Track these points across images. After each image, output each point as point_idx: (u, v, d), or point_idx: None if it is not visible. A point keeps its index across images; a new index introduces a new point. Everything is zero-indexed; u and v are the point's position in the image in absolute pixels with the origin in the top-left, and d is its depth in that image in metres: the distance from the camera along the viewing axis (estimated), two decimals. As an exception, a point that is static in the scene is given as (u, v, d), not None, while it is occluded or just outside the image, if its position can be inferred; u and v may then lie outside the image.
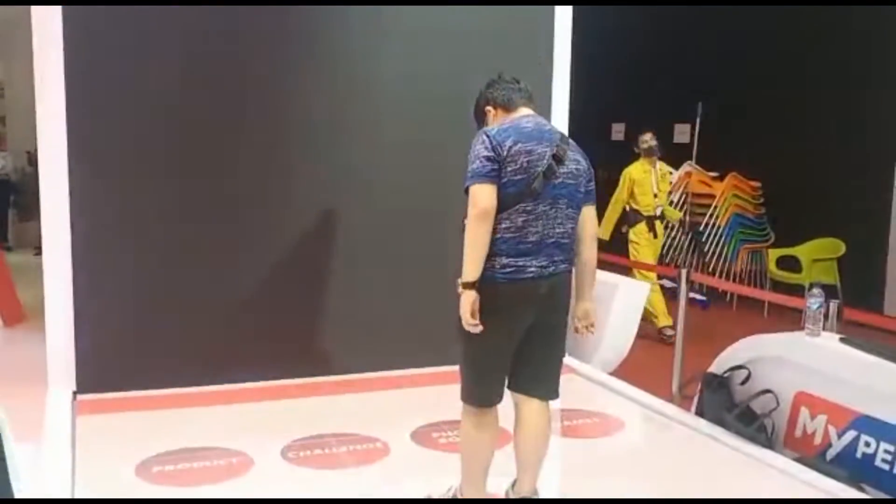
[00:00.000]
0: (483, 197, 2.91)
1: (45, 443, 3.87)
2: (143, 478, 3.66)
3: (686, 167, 9.49)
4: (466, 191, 2.96)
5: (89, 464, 3.69)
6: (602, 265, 6.11)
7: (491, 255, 2.95)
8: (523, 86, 3.24)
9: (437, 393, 4.37)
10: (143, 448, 4.00)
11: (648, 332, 6.69)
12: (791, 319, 7.31)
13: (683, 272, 5.36)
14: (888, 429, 3.60)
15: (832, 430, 3.85)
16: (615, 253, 6.70)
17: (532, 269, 2.97)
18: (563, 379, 5.08)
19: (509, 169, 2.94)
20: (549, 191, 2.99)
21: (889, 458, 3.58)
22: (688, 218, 9.41)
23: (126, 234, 4.63)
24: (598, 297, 5.37)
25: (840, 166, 8.61)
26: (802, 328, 4.17)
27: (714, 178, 9.37)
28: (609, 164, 10.73)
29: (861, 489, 3.53)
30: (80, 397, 4.50)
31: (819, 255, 8.64)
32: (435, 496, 3.28)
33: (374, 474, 3.70)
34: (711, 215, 9.12)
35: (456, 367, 3.13)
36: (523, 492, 3.20)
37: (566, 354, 3.32)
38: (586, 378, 5.13)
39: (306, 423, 4.25)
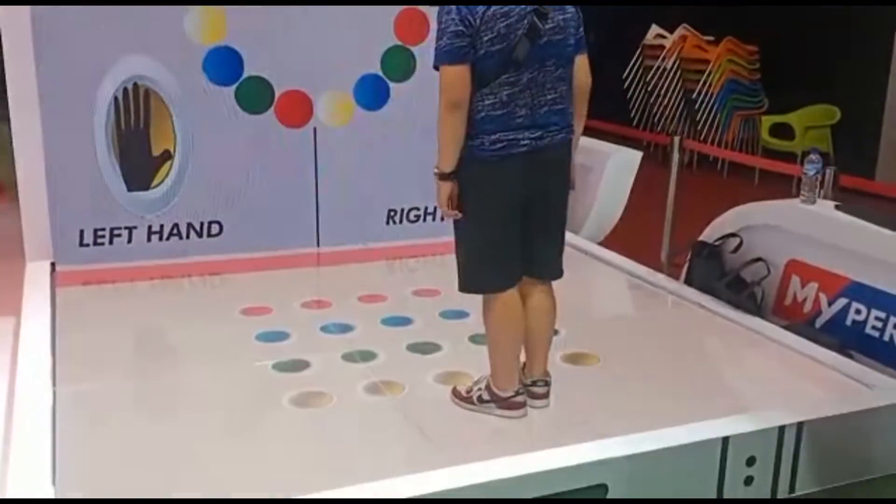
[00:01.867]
0: (453, 85, 2.66)
1: (24, 315, 3.79)
2: (125, 351, 3.63)
3: (681, 31, 9.19)
4: (437, 68, 2.71)
5: (70, 335, 3.63)
6: (594, 133, 6.00)
7: (479, 134, 2.72)
8: None
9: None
10: (124, 319, 3.96)
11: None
12: (782, 187, 7.25)
13: (676, 139, 5.22)
14: (880, 296, 3.56)
15: (823, 298, 3.81)
16: (607, 119, 6.51)
17: (525, 141, 2.74)
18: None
19: (485, 39, 2.63)
20: (535, 54, 2.70)
21: (880, 325, 3.55)
22: (681, 84, 9.18)
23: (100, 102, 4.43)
24: (588, 166, 5.38)
25: (839, 31, 8.33)
26: (795, 196, 4.08)
27: (709, 43, 9.08)
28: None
29: (850, 356, 3.51)
30: (59, 269, 4.42)
31: (813, 122, 8.49)
32: (461, 389, 3.10)
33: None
34: (705, 82, 8.88)
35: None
36: (534, 375, 3.05)
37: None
38: (575, 248, 5.04)
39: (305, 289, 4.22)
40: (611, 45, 9.94)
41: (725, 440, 2.79)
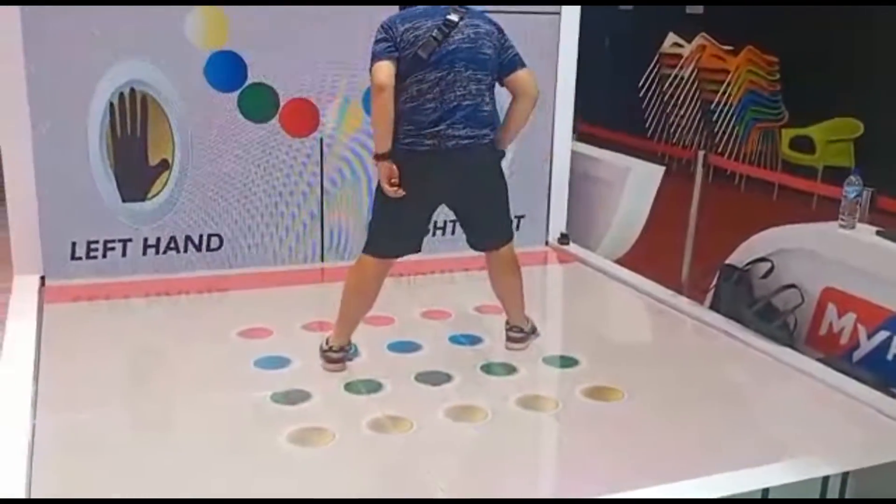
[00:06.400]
0: (378, 73, 3.11)
1: (9, 333, 3.56)
2: (112, 376, 3.40)
3: (699, 40, 8.94)
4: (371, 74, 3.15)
5: (56, 357, 3.41)
6: (614, 146, 5.77)
7: (396, 128, 3.15)
8: None
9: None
10: (115, 340, 3.73)
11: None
12: (802, 203, 7.00)
13: (701, 154, 4.96)
14: (926, 331, 3.31)
15: (862, 330, 3.55)
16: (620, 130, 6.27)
17: (428, 143, 3.15)
18: (566, 267, 4.82)
19: (402, 46, 3.13)
20: (444, 57, 3.15)
21: (925, 362, 3.30)
22: (699, 94, 8.93)
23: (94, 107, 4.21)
24: (607, 181, 5.14)
25: (863, 41, 8.07)
26: (815, 212, 3.83)
27: (728, 52, 8.83)
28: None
29: (892, 394, 3.26)
30: (48, 283, 4.20)
31: (834, 135, 8.22)
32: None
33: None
34: (724, 92, 8.63)
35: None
36: (514, 321, 3.60)
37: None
38: (593, 267, 4.81)
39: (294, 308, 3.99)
40: (626, 52, 9.74)
41: (765, 492, 2.55)
